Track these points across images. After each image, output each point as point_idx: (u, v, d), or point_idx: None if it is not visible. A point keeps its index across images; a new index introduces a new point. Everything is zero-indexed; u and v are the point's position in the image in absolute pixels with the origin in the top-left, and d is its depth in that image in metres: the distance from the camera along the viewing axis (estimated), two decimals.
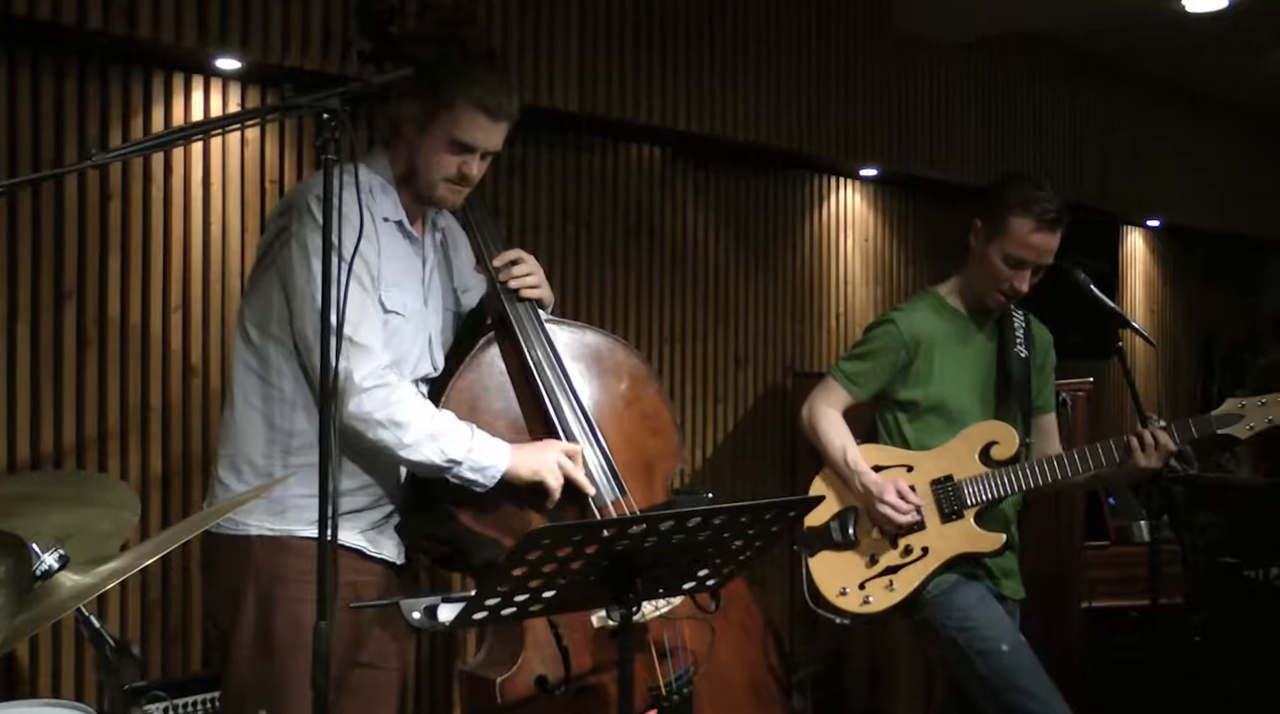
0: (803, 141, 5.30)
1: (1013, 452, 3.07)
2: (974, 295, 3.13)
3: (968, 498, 3.05)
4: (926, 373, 3.12)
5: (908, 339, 3.11)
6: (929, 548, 3.05)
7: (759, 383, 5.54)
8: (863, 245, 6.06)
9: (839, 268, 5.93)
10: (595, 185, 4.96)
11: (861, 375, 3.15)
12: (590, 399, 2.55)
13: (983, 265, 3.07)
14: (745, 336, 5.50)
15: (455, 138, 2.36)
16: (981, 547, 3.05)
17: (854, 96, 5.50)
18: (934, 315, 3.16)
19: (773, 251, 5.63)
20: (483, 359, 2.51)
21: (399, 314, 2.41)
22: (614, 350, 2.66)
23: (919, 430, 3.13)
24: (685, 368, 5.27)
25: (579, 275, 4.90)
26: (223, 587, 2.40)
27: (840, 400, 3.16)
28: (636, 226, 5.10)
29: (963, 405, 3.12)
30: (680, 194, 5.27)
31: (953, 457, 3.08)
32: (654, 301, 5.16)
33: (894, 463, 3.11)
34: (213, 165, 3.88)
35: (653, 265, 5.16)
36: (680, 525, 1.98)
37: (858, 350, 3.19)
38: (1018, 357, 3.16)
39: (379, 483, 2.46)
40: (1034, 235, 2.98)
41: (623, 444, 2.54)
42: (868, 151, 5.61)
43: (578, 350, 2.60)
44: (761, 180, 5.59)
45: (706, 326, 5.35)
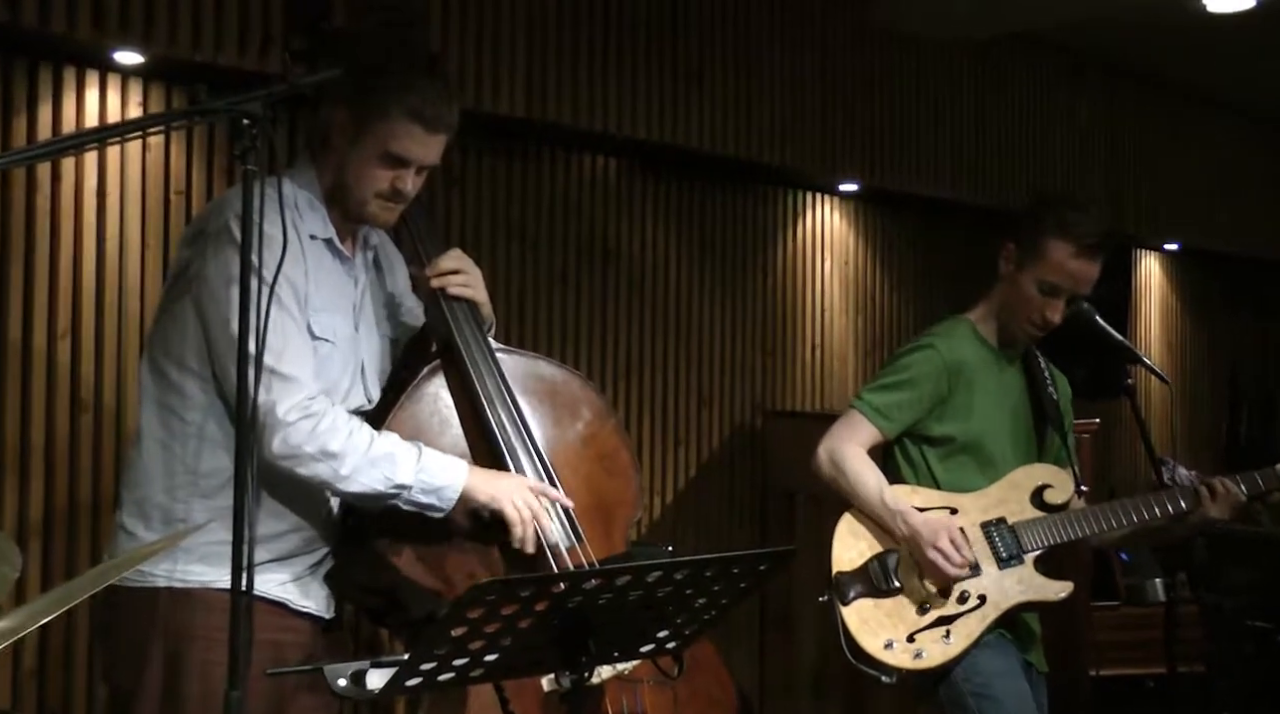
0: (775, 153, 5.36)
1: (1068, 496, 3.11)
2: (1004, 326, 3.16)
3: (1028, 541, 3.07)
4: (966, 406, 3.11)
5: (951, 365, 3.11)
6: (986, 596, 3.03)
7: (725, 423, 5.58)
8: (842, 269, 6.13)
9: (815, 294, 6.00)
10: (544, 200, 5.00)
11: (895, 407, 3.11)
12: (544, 436, 2.57)
13: (1013, 292, 3.10)
14: (710, 371, 5.54)
15: (389, 150, 2.39)
16: (1048, 595, 3.06)
17: (832, 104, 5.58)
18: (973, 345, 3.17)
19: (741, 276, 5.69)
20: (426, 390, 2.52)
21: (328, 341, 2.43)
22: (569, 383, 2.68)
23: (951, 471, 3.13)
24: (643, 405, 5.31)
25: (525, 300, 4.93)
26: (123, 646, 2.39)
27: (867, 437, 3.12)
28: (589, 247, 5.14)
29: (1000, 446, 3.14)
30: (638, 211, 5.32)
31: (999, 500, 3.09)
32: (608, 330, 5.20)
33: (935, 505, 3.09)
34: (109, 173, 3.88)
35: (607, 290, 5.20)
36: (638, 581, 1.99)
37: (890, 379, 3.14)
38: (1050, 397, 3.20)
39: (312, 524, 2.48)
40: (1072, 261, 3.02)
41: (579, 487, 2.56)
42: (848, 165, 5.68)
43: (530, 382, 2.62)
44: (729, 196, 5.65)
45: (667, 359, 5.39)
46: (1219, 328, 8.39)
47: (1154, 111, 7.33)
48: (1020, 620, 3.13)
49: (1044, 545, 3.08)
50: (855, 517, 3.12)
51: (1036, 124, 6.57)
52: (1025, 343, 3.18)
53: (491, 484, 2.41)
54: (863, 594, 3.05)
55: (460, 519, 2.44)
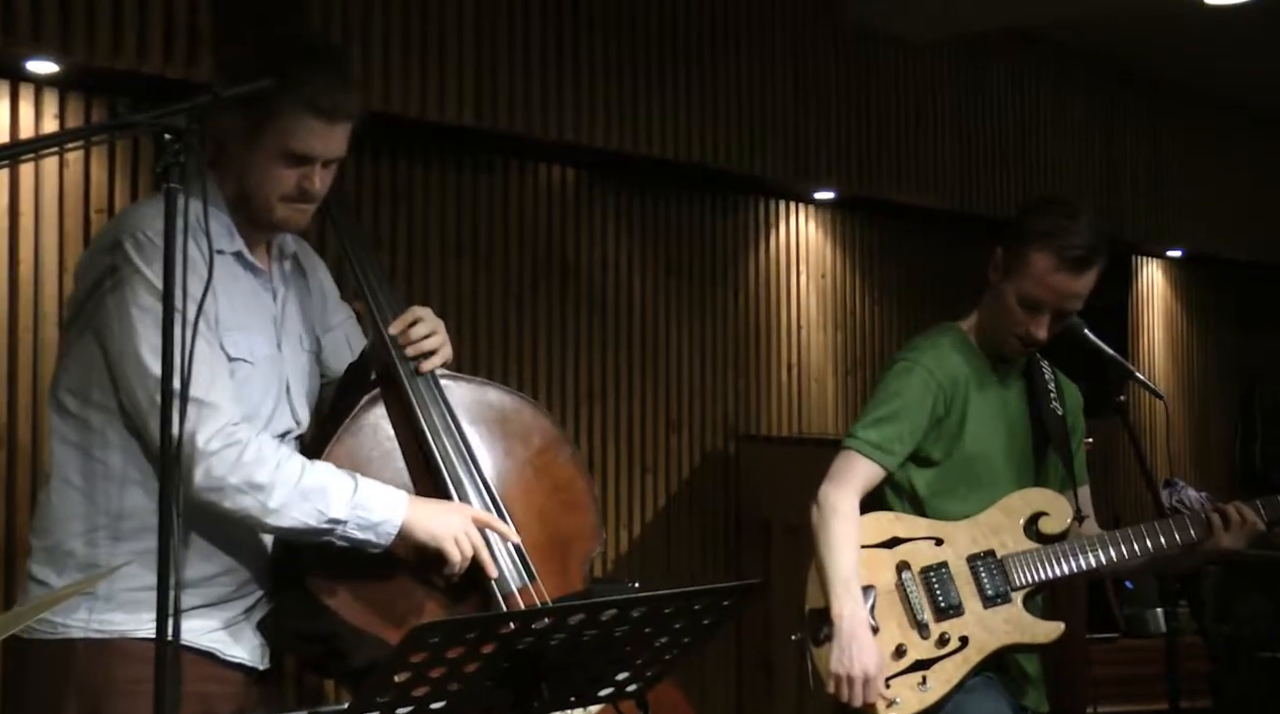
0: (744, 160, 5.40)
1: (1065, 525, 3.08)
2: (992, 338, 3.14)
3: (1016, 576, 3.04)
4: (957, 424, 3.09)
5: (943, 382, 3.08)
6: (969, 638, 3.01)
7: (696, 449, 5.60)
8: (819, 282, 6.16)
9: (790, 310, 6.02)
10: (495, 215, 5.02)
11: (895, 440, 3.07)
12: (493, 468, 2.57)
13: (998, 304, 3.08)
14: (678, 394, 5.56)
15: (288, 148, 2.36)
16: (1036, 637, 3.03)
17: (806, 106, 5.62)
18: (965, 357, 3.15)
19: (711, 292, 5.71)
20: (365, 421, 2.53)
21: (246, 362, 2.42)
22: (521, 411, 2.68)
23: (937, 494, 3.11)
24: (607, 432, 5.32)
25: (477, 321, 4.94)
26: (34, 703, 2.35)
27: (868, 479, 3.06)
28: (545, 264, 5.16)
29: (994, 468, 3.12)
30: (598, 224, 5.34)
31: (990, 529, 3.07)
32: (567, 353, 5.21)
33: (921, 535, 3.07)
34: (22, 191, 3.87)
35: (565, 309, 5.21)
36: (592, 619, 1.99)
37: (884, 410, 3.09)
38: (1054, 413, 3.17)
39: (245, 565, 2.47)
40: (1054, 275, 2.98)
41: (532, 522, 2.57)
42: (823, 171, 5.72)
43: (478, 411, 2.62)
44: (696, 207, 5.68)
45: (631, 383, 5.41)
46: (1231, 341, 8.44)
47: (1154, 110, 7.39)
48: (1012, 661, 3.10)
49: (1033, 582, 3.04)
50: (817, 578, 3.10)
51: (1026, 125, 6.62)
52: (1015, 357, 3.16)
53: (432, 519, 2.41)
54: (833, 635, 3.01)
55: (403, 553, 2.43)
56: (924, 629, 3.02)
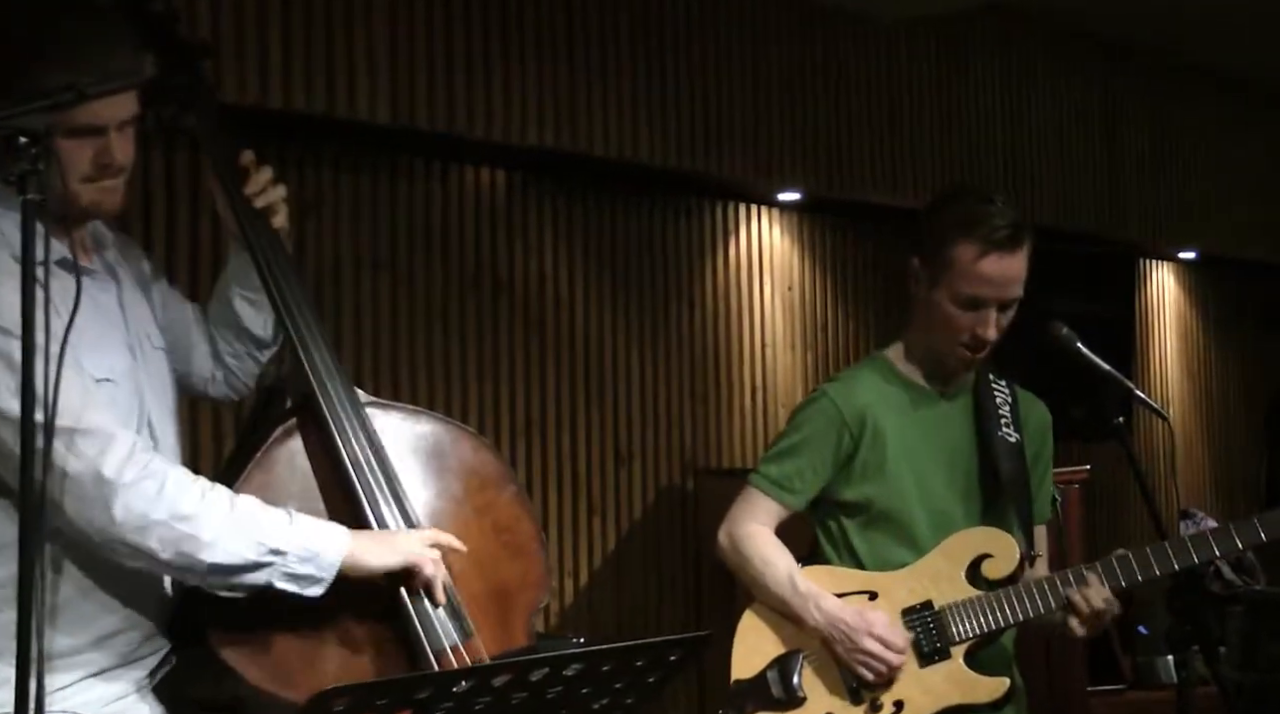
0: (699, 159, 5.45)
1: (1012, 567, 3.11)
2: (931, 358, 3.20)
3: (955, 631, 3.09)
4: (878, 463, 3.14)
5: (849, 417, 3.15)
6: (904, 702, 3.05)
7: (649, 485, 5.64)
8: (785, 295, 6.21)
9: (754, 326, 6.07)
10: (417, 224, 5.04)
11: (794, 476, 3.17)
12: (426, 508, 2.57)
13: (932, 315, 3.13)
14: (629, 423, 5.60)
15: (75, 122, 2.29)
16: (977, 696, 3.07)
17: (767, 99, 5.68)
18: (882, 385, 3.22)
19: (664, 307, 5.75)
20: (279, 455, 2.52)
21: (110, 381, 2.40)
22: (458, 443, 2.68)
23: (873, 542, 3.15)
24: (548, 468, 5.34)
25: (397, 344, 4.96)
26: None
27: (769, 514, 3.19)
28: (475, 277, 5.19)
29: (929, 508, 3.17)
30: (534, 233, 5.37)
31: (929, 577, 3.11)
32: (501, 378, 5.23)
33: (851, 589, 3.12)
34: None
35: (499, 330, 5.24)
36: (520, 681, 1.97)
37: (783, 443, 3.22)
38: (1005, 441, 3.20)
39: (151, 617, 2.45)
40: (983, 262, 3.04)
41: (470, 569, 2.57)
42: (789, 170, 5.77)
43: (409, 442, 2.62)
44: (645, 212, 5.72)
45: (575, 411, 5.44)
46: (1254, 352, 8.52)
47: (1161, 94, 7.48)
48: None
49: (974, 634, 3.08)
50: (758, 612, 3.18)
51: (1015, 114, 6.69)
52: (965, 370, 3.21)
53: (381, 545, 2.41)
54: (761, 707, 3.10)
55: (325, 605, 2.42)
56: (855, 695, 3.08)
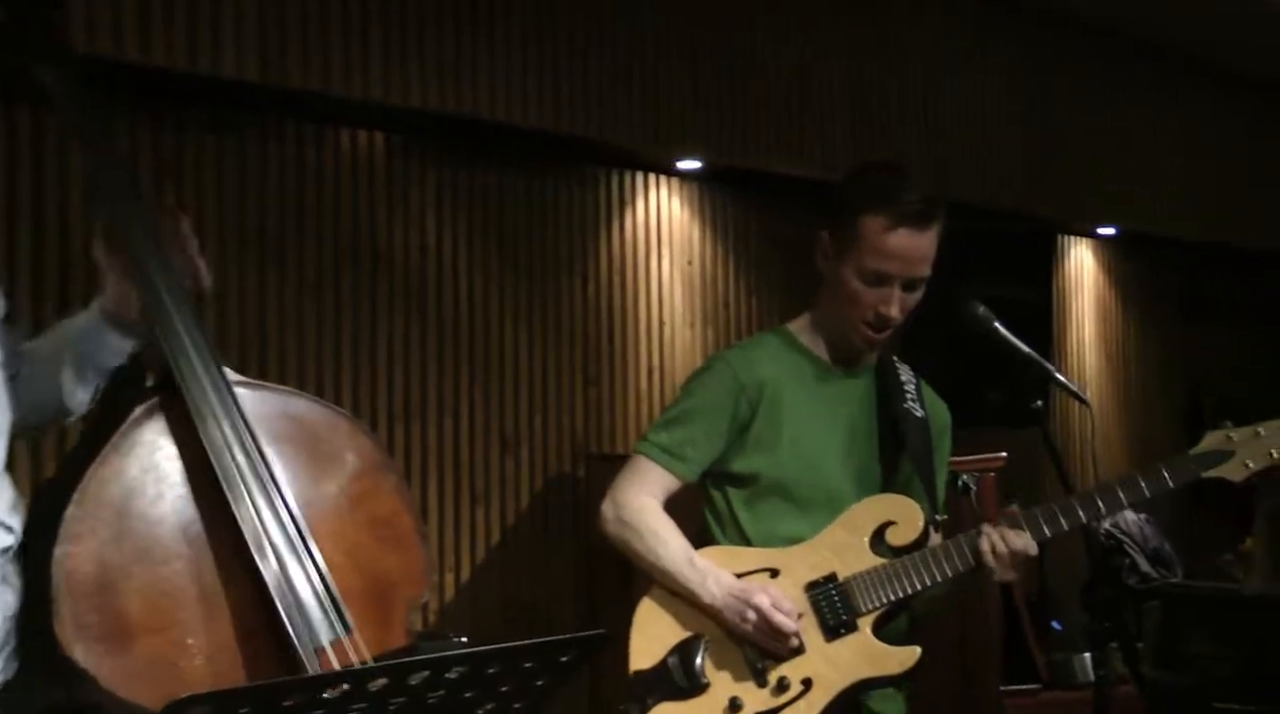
0: (592, 124, 5.45)
1: (916, 533, 3.17)
2: (835, 335, 3.27)
3: (860, 602, 3.14)
4: (773, 434, 3.20)
5: (747, 384, 3.21)
6: (812, 679, 3.10)
7: (537, 472, 5.64)
8: (685, 270, 6.24)
9: (651, 303, 6.10)
10: (289, 189, 5.02)
11: (686, 444, 3.21)
12: (300, 497, 2.55)
13: (837, 290, 3.22)
14: (516, 406, 5.60)
15: None
16: (888, 668, 3.13)
17: (666, 61, 5.69)
18: (783, 355, 3.29)
19: (554, 282, 5.76)
20: (139, 438, 2.49)
21: None
22: (335, 428, 2.67)
23: (759, 517, 3.21)
24: (428, 454, 5.34)
25: (266, 320, 4.94)
26: None
27: (659, 486, 3.22)
28: (351, 248, 5.17)
29: (825, 482, 3.23)
30: (415, 202, 5.36)
31: (832, 549, 3.16)
32: (379, 358, 5.23)
33: (750, 568, 3.16)
34: None
35: (377, 305, 5.23)
36: (398, 685, 1.96)
37: (675, 409, 3.27)
38: (911, 413, 3.30)
39: None
40: (891, 237, 3.13)
41: (346, 562, 2.56)
42: (688, 138, 5.79)
43: (279, 425, 2.60)
44: (535, 180, 5.71)
45: (459, 393, 5.44)
46: (1175, 334, 8.68)
47: (1085, 62, 7.58)
48: (862, 706, 3.19)
49: (882, 604, 3.14)
50: (655, 599, 3.21)
51: (932, 80, 6.76)
52: (867, 348, 3.28)
53: None
54: (664, 697, 3.13)
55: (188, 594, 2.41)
56: (761, 676, 3.13)
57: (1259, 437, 3.26)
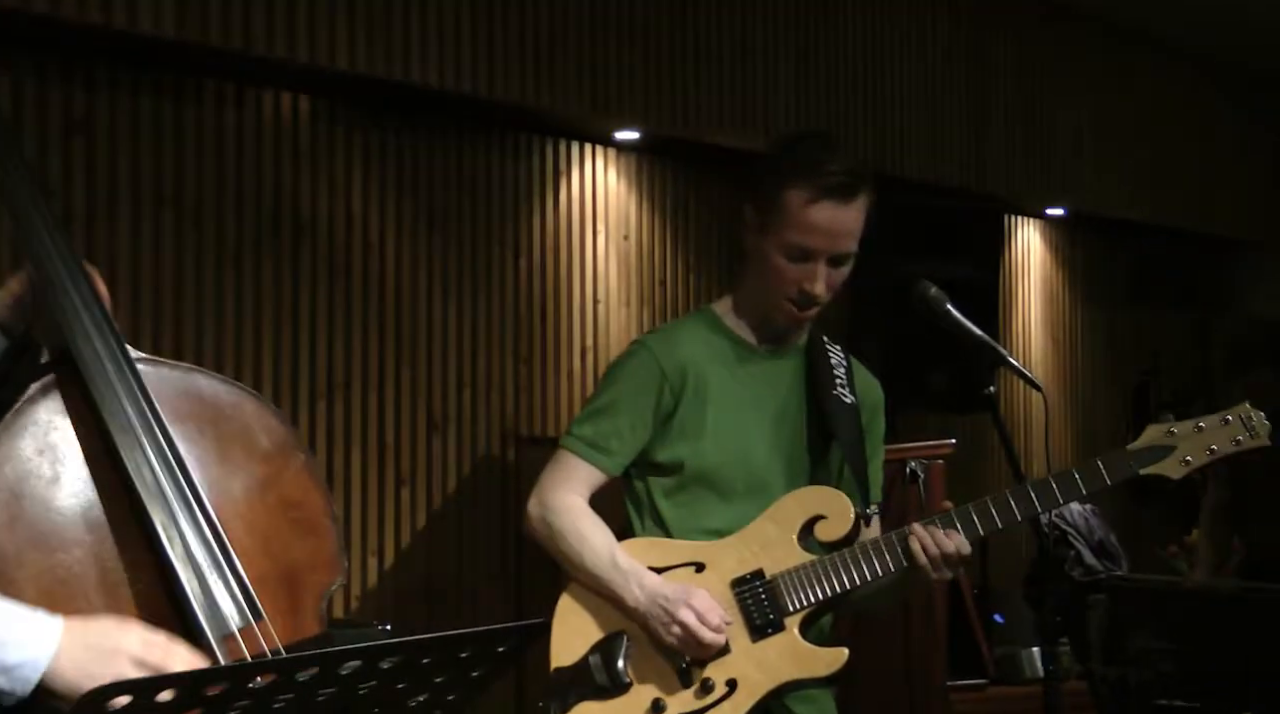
0: (529, 91, 5.43)
1: (847, 528, 3.17)
2: (760, 315, 3.27)
3: (788, 601, 3.15)
4: (696, 422, 3.20)
5: (669, 371, 3.21)
6: (738, 680, 3.11)
7: (465, 454, 5.63)
8: (620, 245, 6.24)
9: (585, 279, 6.09)
10: (207, 154, 4.98)
11: (611, 436, 3.23)
12: (205, 479, 2.53)
13: (761, 267, 3.20)
14: (444, 384, 5.59)
15: None
16: (815, 670, 3.14)
17: (605, 28, 5.68)
18: (709, 339, 3.28)
19: (484, 256, 5.74)
20: (32, 418, 2.46)
21: None
22: (240, 406, 2.64)
23: (682, 508, 3.22)
24: (351, 433, 5.32)
25: (181, 291, 4.90)
26: None
27: (584, 481, 3.24)
28: (273, 217, 5.14)
29: (751, 471, 3.23)
30: (341, 169, 5.33)
31: (760, 544, 3.17)
32: (300, 331, 5.20)
33: (676, 562, 3.17)
34: None
35: (298, 277, 5.20)
36: (328, 675, 1.95)
37: (598, 401, 3.28)
38: (840, 401, 3.28)
39: None
40: (814, 210, 3.10)
41: (255, 547, 2.53)
42: (627, 107, 5.78)
43: (184, 404, 2.57)
44: (466, 149, 5.69)
45: (384, 370, 5.42)
46: (1123, 318, 8.76)
47: (1034, 37, 7.61)
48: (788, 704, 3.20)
49: (810, 603, 3.15)
50: (575, 594, 3.22)
51: (879, 52, 6.78)
52: (791, 327, 3.28)
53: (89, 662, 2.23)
54: (585, 696, 3.14)
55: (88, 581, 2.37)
56: (685, 676, 3.13)
57: (1199, 432, 3.25)
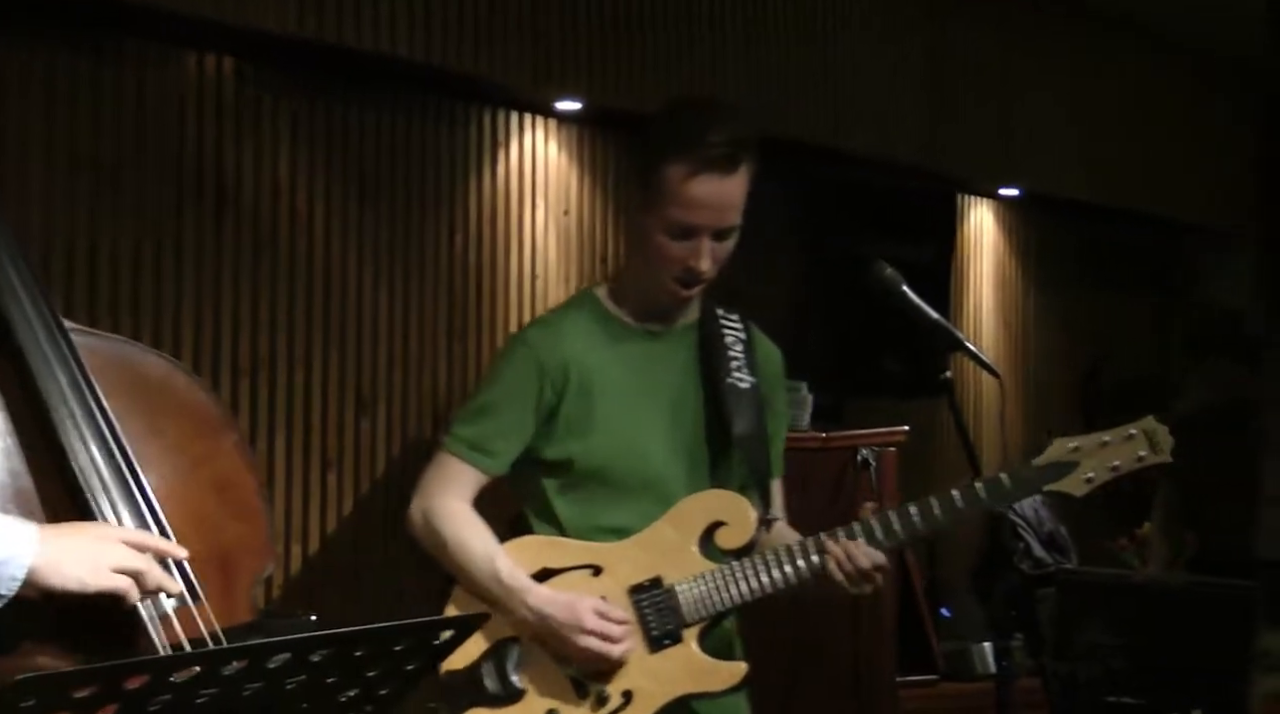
0: (466, 58, 5.40)
1: (749, 535, 3.20)
2: (644, 294, 3.26)
3: (687, 612, 3.17)
4: (584, 417, 3.22)
5: (551, 367, 3.21)
6: (633, 692, 3.15)
7: (395, 436, 5.60)
8: (560, 219, 6.22)
9: (524, 254, 6.07)
10: (126, 115, 4.93)
11: (495, 437, 3.24)
12: (138, 454, 2.49)
13: (644, 245, 3.19)
14: (374, 363, 5.56)
15: None
16: (713, 684, 3.17)
17: None
18: (591, 327, 3.28)
19: (418, 229, 5.72)
20: None
21: None
22: (172, 380, 2.64)
23: (576, 506, 3.24)
24: (275, 413, 5.29)
25: (96, 260, 4.85)
26: None
27: (467, 484, 3.25)
28: (195, 183, 5.09)
29: (648, 464, 3.24)
30: (266, 134, 5.29)
31: (659, 549, 3.19)
32: (223, 304, 5.16)
33: (571, 564, 3.20)
34: None
35: (222, 247, 5.16)
36: (256, 668, 1.95)
37: (478, 400, 3.29)
38: (736, 387, 3.28)
39: None
40: (694, 184, 3.08)
41: (187, 527, 2.51)
42: (569, 75, 5.76)
43: (116, 377, 2.55)
44: (400, 116, 5.67)
45: (310, 347, 5.39)
46: (1078, 305, 8.80)
47: (995, 13, 7.63)
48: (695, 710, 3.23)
49: (708, 615, 3.17)
50: (460, 603, 3.23)
51: (829, 23, 6.77)
52: (677, 307, 3.27)
53: (72, 562, 2.30)
54: (476, 702, 3.16)
55: None
56: (579, 687, 3.16)
57: (1104, 446, 3.29)
